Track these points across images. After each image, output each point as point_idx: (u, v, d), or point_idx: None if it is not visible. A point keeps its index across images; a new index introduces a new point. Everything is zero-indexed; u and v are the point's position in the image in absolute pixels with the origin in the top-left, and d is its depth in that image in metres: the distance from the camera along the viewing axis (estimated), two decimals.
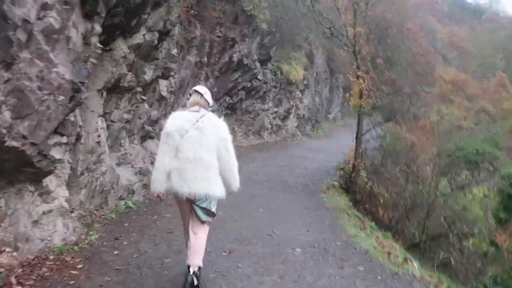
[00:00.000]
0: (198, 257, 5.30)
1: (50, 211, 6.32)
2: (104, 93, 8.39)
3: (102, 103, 8.36)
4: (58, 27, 5.46)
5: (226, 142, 5.44)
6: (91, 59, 6.85)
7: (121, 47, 8.55)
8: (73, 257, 6.11)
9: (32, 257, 5.71)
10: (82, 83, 6.02)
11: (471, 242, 13.17)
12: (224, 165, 5.40)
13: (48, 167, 5.93)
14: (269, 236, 8.24)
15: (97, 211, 8.10)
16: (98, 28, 6.89)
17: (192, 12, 12.95)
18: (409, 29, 27.76)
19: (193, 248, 5.31)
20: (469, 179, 16.46)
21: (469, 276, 12.73)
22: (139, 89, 9.84)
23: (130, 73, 9.08)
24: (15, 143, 5.07)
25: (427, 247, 14.48)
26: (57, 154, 5.99)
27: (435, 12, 64.71)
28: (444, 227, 14.78)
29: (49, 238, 6.18)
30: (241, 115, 21.76)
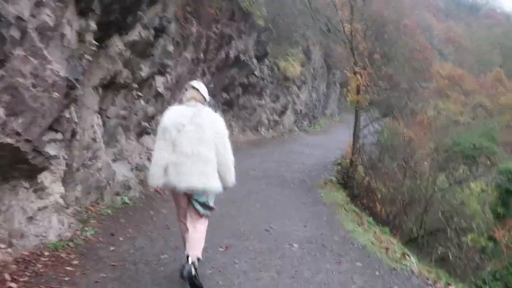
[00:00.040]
0: (197, 249, 5.30)
1: (45, 207, 6.28)
2: (100, 89, 8.34)
3: (98, 99, 8.31)
4: (52, 24, 5.43)
5: (222, 137, 5.45)
6: (86, 56, 6.82)
7: (117, 44, 8.50)
8: (68, 253, 6.08)
9: (26, 253, 5.67)
10: (77, 80, 6.01)
11: (470, 237, 13.15)
12: (220, 160, 5.40)
13: (43, 164, 5.91)
14: (267, 231, 8.23)
15: (93, 207, 8.06)
16: (93, 25, 6.85)
17: (188, 8, 12.89)
18: (406, 25, 27.74)
19: (192, 241, 5.31)
20: (467, 174, 16.46)
21: (467, 271, 12.74)
22: (135, 86, 9.80)
23: (126, 69, 9.05)
24: (10, 140, 5.03)
25: (424, 242, 14.50)
26: (52, 150, 5.97)
27: (432, 9, 64.64)
28: (442, 222, 14.79)
29: (44, 234, 6.15)
30: (238, 111, 21.71)
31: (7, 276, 4.99)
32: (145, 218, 8.37)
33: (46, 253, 5.88)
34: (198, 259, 5.26)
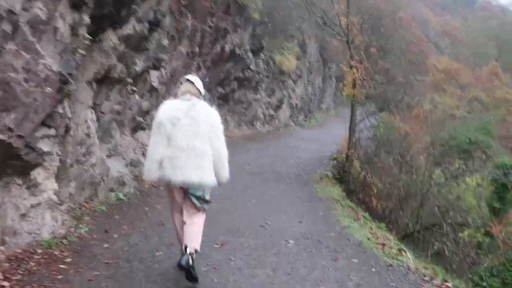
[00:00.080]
0: (195, 241, 5.28)
1: (39, 204, 6.21)
2: (94, 84, 8.26)
3: (92, 94, 8.23)
4: (44, 18, 5.36)
5: (217, 131, 5.42)
6: (79, 50, 6.74)
7: (111, 38, 8.40)
8: (61, 251, 6.00)
9: (19, 251, 5.60)
10: (70, 75, 5.93)
11: (466, 233, 13.13)
12: (214, 154, 5.36)
13: (36, 160, 5.84)
14: (262, 227, 8.18)
15: (87, 203, 7.98)
16: (86, 19, 6.76)
17: (182, 2, 12.80)
18: (401, 18, 27.71)
19: (190, 234, 5.29)
20: (463, 168, 16.46)
21: (463, 266, 12.73)
22: (129, 80, 9.71)
23: (121, 64, 8.96)
24: (1, 136, 4.97)
25: (420, 237, 14.48)
26: (45, 146, 5.90)
27: (428, 2, 64.81)
28: (438, 217, 14.78)
29: (37, 231, 6.07)
30: (234, 106, 21.64)
31: None
32: (140, 215, 8.30)
33: (39, 251, 5.81)
34: (196, 251, 5.23)
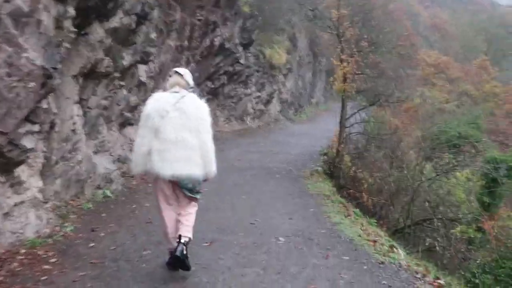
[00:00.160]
0: (188, 230, 5.25)
1: (22, 202, 6.08)
2: (80, 79, 8.11)
3: (78, 89, 8.08)
4: (27, 10, 5.25)
5: (204, 123, 5.34)
6: (64, 44, 6.62)
7: (97, 31, 8.27)
8: (46, 251, 5.87)
9: (2, 251, 5.49)
10: (55, 69, 5.81)
11: (459, 229, 13.08)
12: (201, 147, 5.28)
13: (20, 157, 5.72)
14: (252, 225, 8.07)
15: (73, 201, 7.85)
16: (71, 11, 6.64)
17: None
18: (392, 11, 27.64)
19: (183, 223, 5.27)
20: (453, 163, 16.43)
21: (454, 261, 12.69)
22: (117, 75, 9.56)
23: (107, 58, 8.81)
24: None
25: (411, 232, 14.43)
26: (28, 143, 5.79)
27: None
28: (429, 212, 14.74)
29: (20, 230, 5.94)
30: (223, 100, 21.53)
31: None
32: (127, 212, 8.18)
33: (23, 251, 5.69)
34: (189, 240, 5.21)
